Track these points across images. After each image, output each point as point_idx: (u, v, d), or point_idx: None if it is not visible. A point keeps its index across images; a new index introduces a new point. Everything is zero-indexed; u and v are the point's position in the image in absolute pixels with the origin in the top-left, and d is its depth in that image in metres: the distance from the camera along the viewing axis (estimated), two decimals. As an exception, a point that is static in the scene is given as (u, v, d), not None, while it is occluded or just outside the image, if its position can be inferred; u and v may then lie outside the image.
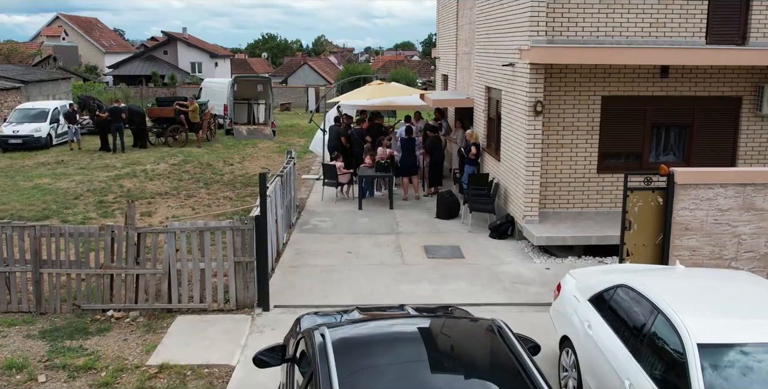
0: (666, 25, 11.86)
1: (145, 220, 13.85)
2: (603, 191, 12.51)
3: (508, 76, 12.86)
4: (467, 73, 17.75)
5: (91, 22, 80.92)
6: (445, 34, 21.63)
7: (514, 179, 12.51)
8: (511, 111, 12.71)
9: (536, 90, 11.49)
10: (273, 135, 29.60)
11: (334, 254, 11.59)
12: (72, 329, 8.46)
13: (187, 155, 22.93)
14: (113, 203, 15.47)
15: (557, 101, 12.12)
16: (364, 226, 13.48)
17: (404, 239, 12.52)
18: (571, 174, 12.41)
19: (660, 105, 12.32)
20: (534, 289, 9.88)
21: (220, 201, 15.72)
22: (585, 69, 12.02)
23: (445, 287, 9.94)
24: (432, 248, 11.92)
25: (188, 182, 18.04)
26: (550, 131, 12.14)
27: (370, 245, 12.16)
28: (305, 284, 10.04)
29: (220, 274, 8.91)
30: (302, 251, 11.74)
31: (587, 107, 12.18)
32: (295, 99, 52.68)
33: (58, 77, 38.74)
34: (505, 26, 13.00)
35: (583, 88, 12.11)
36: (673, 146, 12.71)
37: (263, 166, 21.10)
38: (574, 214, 12.47)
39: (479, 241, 12.38)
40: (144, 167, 20.39)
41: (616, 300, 6.11)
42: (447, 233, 12.94)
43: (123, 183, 17.75)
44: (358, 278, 10.32)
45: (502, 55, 13.32)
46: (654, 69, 12.13)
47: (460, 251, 11.72)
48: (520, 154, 12.08)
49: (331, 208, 15.06)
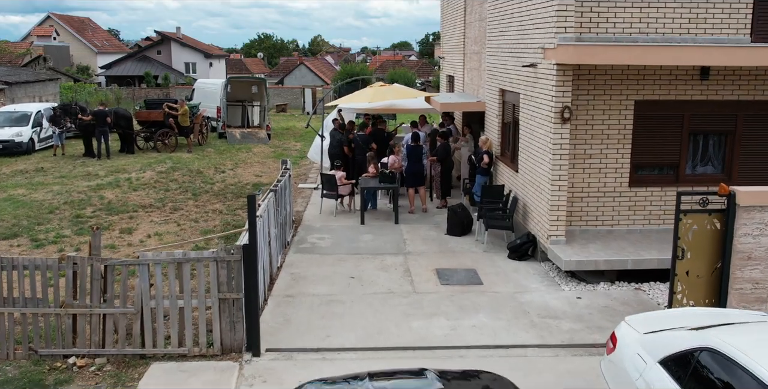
0: (707, 21, 10.55)
1: (124, 238, 12.49)
2: (635, 207, 11.18)
3: (528, 78, 11.54)
4: (477, 75, 16.42)
5: (83, 21, 79.37)
6: (450, 32, 20.30)
7: (537, 193, 11.18)
8: (532, 117, 11.39)
9: (563, 94, 10.16)
10: (268, 139, 28.27)
11: (335, 279, 10.25)
12: (26, 381, 7.11)
13: (176, 162, 21.56)
14: (91, 217, 14.09)
15: (585, 106, 10.79)
16: (367, 244, 12.14)
17: (413, 260, 11.19)
18: (600, 188, 11.09)
19: (699, 110, 11.01)
20: (567, 325, 8.54)
21: (208, 215, 14.36)
22: (616, 70, 10.70)
23: (464, 322, 8.60)
24: (445, 272, 10.59)
25: (175, 193, 16.66)
26: (577, 140, 10.81)
27: (375, 268, 10.82)
28: (303, 319, 8.70)
29: (201, 313, 7.56)
30: (299, 277, 10.39)
31: (618, 113, 10.86)
32: (292, 100, 51.31)
33: (45, 78, 37.28)
34: (524, 22, 11.68)
35: (614, 91, 10.78)
36: (712, 157, 11.39)
37: (257, 173, 19.75)
38: (603, 233, 11.14)
39: (497, 263, 11.05)
40: (129, 175, 19.00)
41: (699, 369, 4.77)
42: (460, 253, 11.61)
43: (104, 194, 16.36)
44: (363, 311, 8.98)
45: (520, 55, 12.00)
46: (693, 70, 10.82)
47: (477, 276, 10.38)
48: (543, 166, 10.76)
49: (330, 223, 13.71)
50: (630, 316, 6.19)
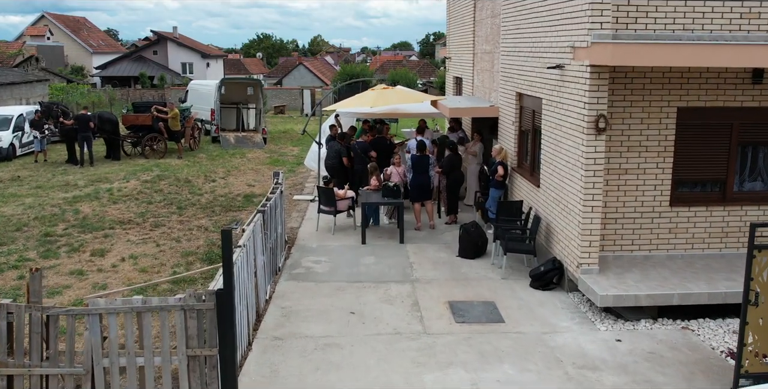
0: (761, 16, 9.13)
1: (95, 262, 11.06)
2: (676, 230, 9.76)
3: (552, 81, 10.12)
4: (488, 76, 15.00)
5: (78, 21, 77.91)
6: (457, 30, 18.88)
7: (564, 213, 9.76)
8: (557, 126, 9.97)
9: (598, 101, 8.74)
10: (264, 143, 26.87)
11: (333, 315, 8.83)
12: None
13: (164, 169, 20.13)
14: (62, 236, 12.66)
15: (621, 114, 9.37)
16: (369, 269, 10.72)
17: (422, 290, 9.77)
18: (637, 207, 9.66)
19: (750, 119, 9.59)
20: (609, 379, 7.12)
21: (192, 233, 12.93)
22: (656, 73, 9.27)
23: (486, 375, 7.17)
24: (460, 305, 9.16)
25: (159, 206, 15.24)
26: (611, 153, 9.38)
27: (378, 300, 9.40)
28: (293, 371, 7.27)
29: (166, 373, 6.15)
30: (291, 311, 8.97)
31: (659, 122, 9.43)
32: (290, 101, 49.93)
33: (32, 79, 35.83)
34: (548, 18, 10.26)
35: (654, 97, 9.36)
36: (762, 171, 9.97)
37: (250, 182, 18.33)
38: (640, 259, 9.72)
39: (519, 293, 9.63)
40: (110, 185, 17.57)
41: None
42: (475, 280, 10.19)
43: (81, 207, 14.93)
44: (366, 359, 7.55)
45: (542, 55, 10.59)
46: (744, 73, 9.41)
47: (497, 311, 8.96)
48: (573, 182, 9.34)
49: (327, 242, 12.29)
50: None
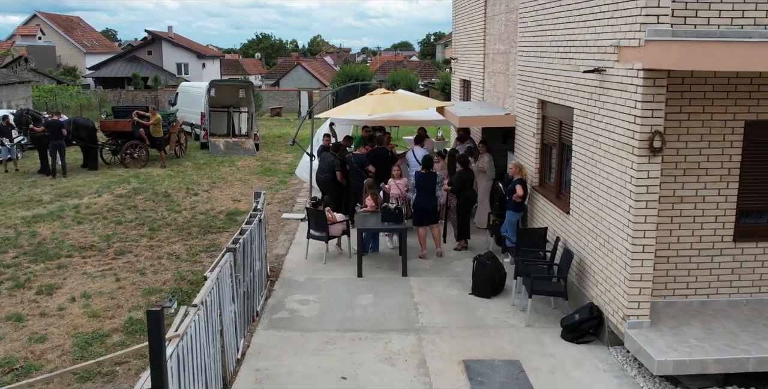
0: None
1: (39, 303, 9.27)
2: (741, 270, 7.98)
3: (587, 87, 8.35)
4: (503, 80, 13.22)
5: (72, 21, 76.16)
6: (465, 28, 17.10)
7: (604, 250, 7.99)
8: (595, 142, 8.20)
9: (653, 114, 6.96)
10: (255, 150, 25.10)
11: (319, 382, 7.05)
12: None
13: (144, 180, 18.36)
14: (9, 267, 10.87)
15: (676, 130, 7.58)
16: (366, 313, 8.95)
17: (430, 343, 7.98)
18: (694, 243, 7.87)
19: (832, 134, 7.82)
20: None
21: (161, 262, 11.14)
22: (721, 79, 7.49)
23: None
24: (478, 367, 7.38)
25: (128, 227, 13.45)
26: (663, 177, 7.59)
27: (376, 358, 7.62)
28: None
29: None
30: (267, 376, 7.19)
31: (722, 139, 7.65)
32: (287, 103, 48.18)
33: (14, 81, 34.03)
34: (582, 11, 8.48)
35: (717, 109, 7.58)
36: (842, 196, 8.19)
37: (235, 197, 16.55)
38: (696, 306, 7.94)
39: (548, 348, 7.85)
40: (79, 200, 15.80)
41: None
42: (494, 329, 8.41)
43: (39, 229, 13.16)
44: (359, 454, 5.78)
45: (574, 56, 8.81)
46: (826, 78, 7.63)
47: (524, 376, 7.18)
48: (619, 214, 7.56)
49: (318, 274, 10.52)
50: None
